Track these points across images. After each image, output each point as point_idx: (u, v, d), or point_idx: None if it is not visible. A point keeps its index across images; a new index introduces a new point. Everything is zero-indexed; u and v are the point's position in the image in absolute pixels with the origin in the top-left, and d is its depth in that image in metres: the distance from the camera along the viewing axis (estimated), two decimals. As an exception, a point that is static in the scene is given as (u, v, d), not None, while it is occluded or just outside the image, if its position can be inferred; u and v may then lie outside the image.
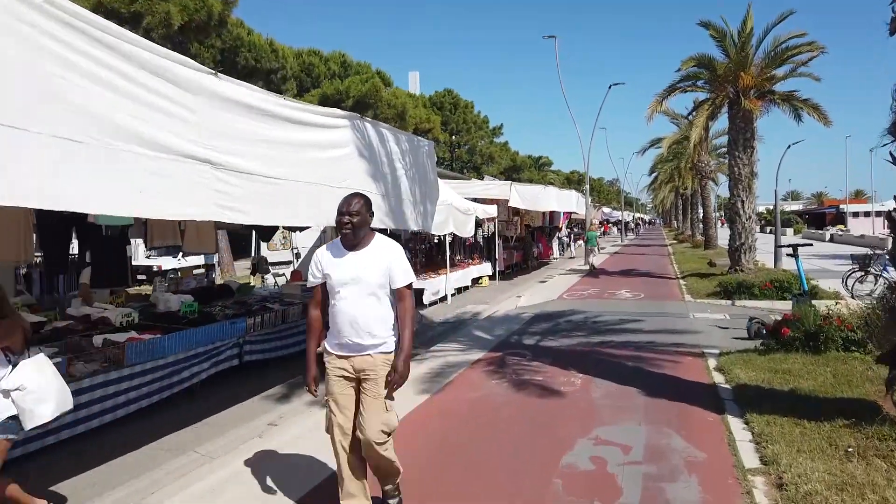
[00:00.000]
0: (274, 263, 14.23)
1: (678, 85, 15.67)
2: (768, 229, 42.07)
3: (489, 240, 18.21)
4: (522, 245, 20.89)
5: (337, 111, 6.00)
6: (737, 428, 4.59)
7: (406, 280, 3.17)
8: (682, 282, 15.67)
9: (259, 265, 13.54)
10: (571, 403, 5.46)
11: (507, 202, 15.91)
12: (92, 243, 7.05)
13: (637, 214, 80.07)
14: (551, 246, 25.67)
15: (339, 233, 3.11)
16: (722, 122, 19.63)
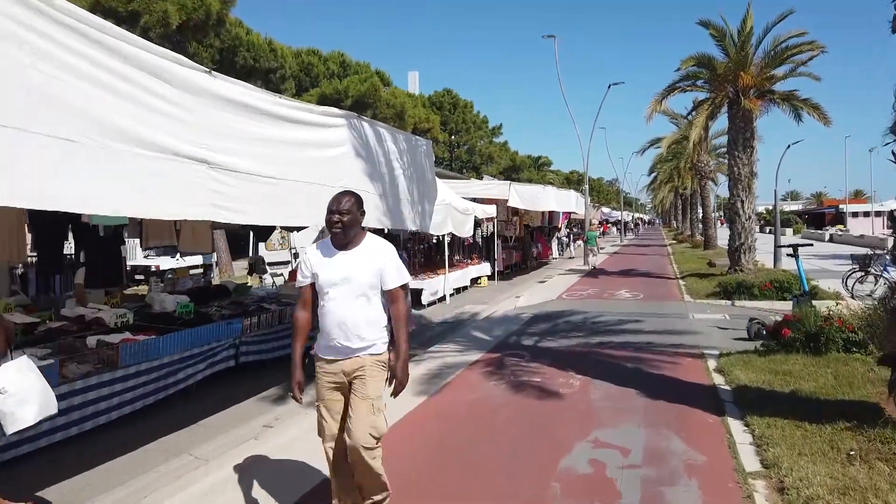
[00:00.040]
0: (272, 263, 14.17)
1: (678, 84, 15.63)
2: (767, 229, 42.07)
3: (488, 240, 18.18)
4: (521, 245, 20.84)
5: (334, 110, 5.94)
6: (737, 430, 4.55)
7: (399, 281, 3.07)
8: (681, 282, 15.63)
9: (256, 265, 13.48)
10: (570, 405, 5.41)
11: (506, 202, 15.87)
12: (86, 243, 7.00)
13: (636, 214, 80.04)
14: (550, 246, 25.63)
15: (329, 232, 3.04)
16: (721, 122, 19.60)
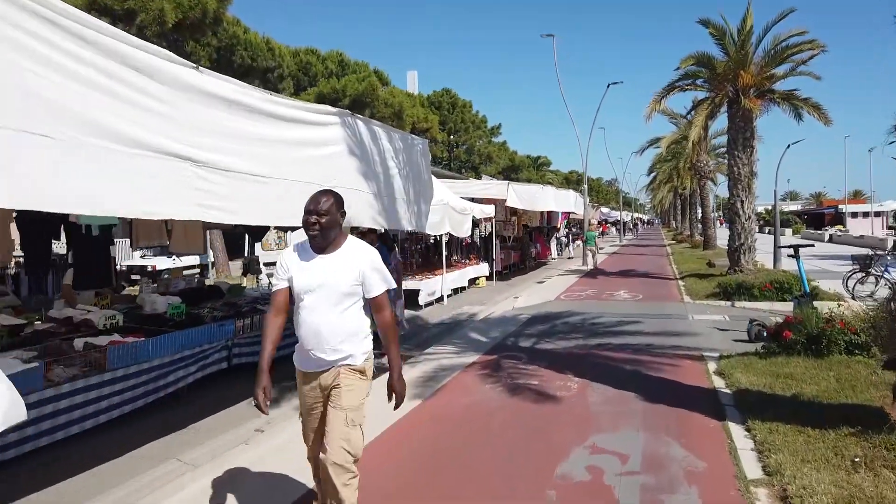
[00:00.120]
0: (267, 264, 14.05)
1: (677, 84, 15.52)
2: (767, 230, 42.00)
3: (486, 240, 18.08)
4: (520, 245, 20.73)
5: (327, 108, 5.83)
6: (738, 435, 4.44)
7: (383, 288, 2.90)
8: (680, 282, 15.52)
9: (251, 265, 13.35)
10: (567, 409, 5.31)
11: (504, 202, 15.78)
12: (75, 244, 6.88)
13: (636, 214, 79.99)
14: (549, 246, 25.54)
15: (307, 234, 2.86)
16: (721, 122, 19.58)
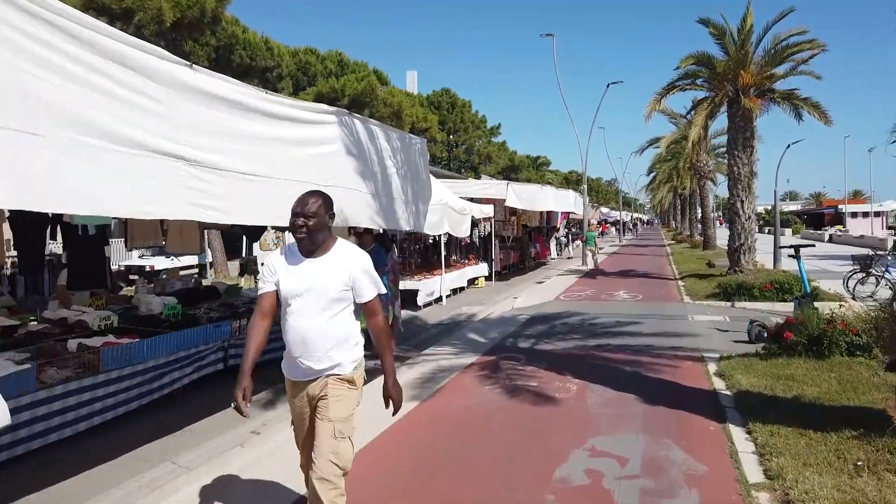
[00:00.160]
0: (265, 264, 13.99)
1: (677, 83, 15.47)
2: (766, 230, 41.95)
3: (486, 240, 18.03)
4: (519, 245, 20.69)
5: (324, 106, 5.78)
6: (739, 438, 4.39)
7: (374, 292, 2.80)
8: (680, 283, 15.47)
9: (248, 265, 13.29)
10: (566, 411, 5.26)
11: (503, 202, 15.74)
12: (70, 244, 6.82)
13: (635, 214, 79.95)
14: (549, 246, 25.50)
15: (294, 237, 2.78)
16: (720, 122, 19.54)
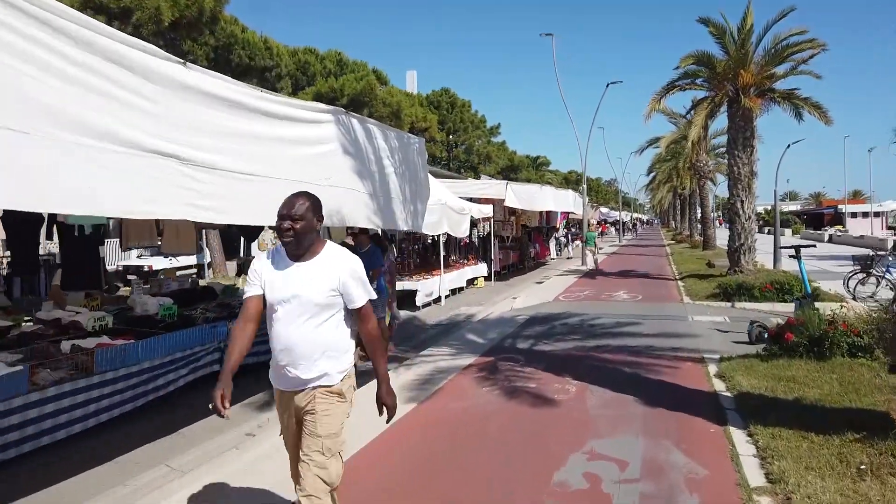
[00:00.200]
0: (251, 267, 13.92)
1: (677, 83, 15.42)
2: (766, 230, 41.91)
3: (485, 240, 17.98)
4: (519, 245, 20.64)
5: (320, 105, 5.73)
6: (740, 441, 4.34)
7: (365, 298, 2.69)
8: (680, 283, 15.43)
9: (245, 266, 13.23)
10: (565, 413, 5.20)
11: (503, 202, 15.68)
12: (65, 244, 6.75)
13: (635, 214, 79.91)
14: (548, 246, 25.45)
15: (280, 240, 2.67)
16: (720, 122, 19.50)
